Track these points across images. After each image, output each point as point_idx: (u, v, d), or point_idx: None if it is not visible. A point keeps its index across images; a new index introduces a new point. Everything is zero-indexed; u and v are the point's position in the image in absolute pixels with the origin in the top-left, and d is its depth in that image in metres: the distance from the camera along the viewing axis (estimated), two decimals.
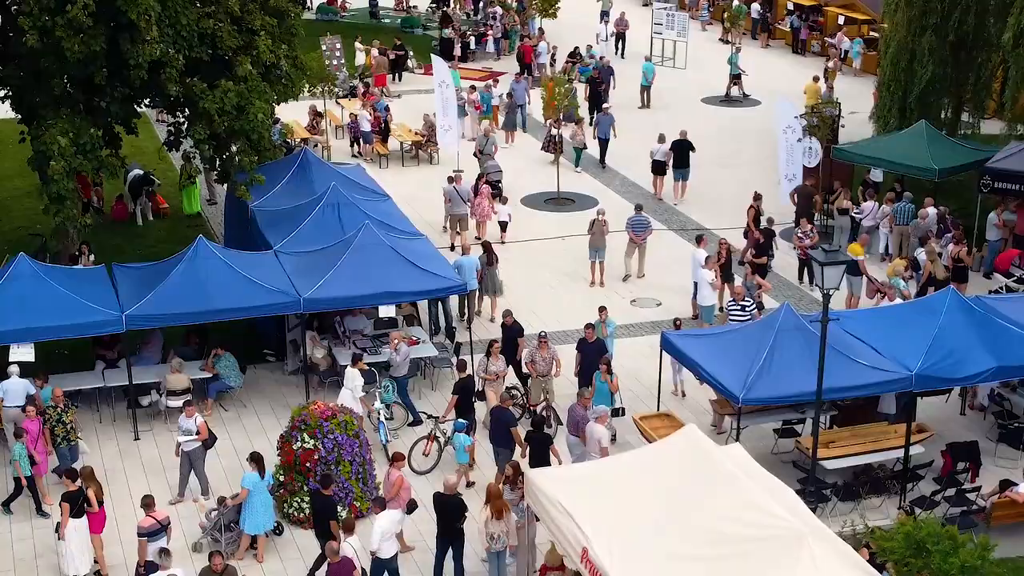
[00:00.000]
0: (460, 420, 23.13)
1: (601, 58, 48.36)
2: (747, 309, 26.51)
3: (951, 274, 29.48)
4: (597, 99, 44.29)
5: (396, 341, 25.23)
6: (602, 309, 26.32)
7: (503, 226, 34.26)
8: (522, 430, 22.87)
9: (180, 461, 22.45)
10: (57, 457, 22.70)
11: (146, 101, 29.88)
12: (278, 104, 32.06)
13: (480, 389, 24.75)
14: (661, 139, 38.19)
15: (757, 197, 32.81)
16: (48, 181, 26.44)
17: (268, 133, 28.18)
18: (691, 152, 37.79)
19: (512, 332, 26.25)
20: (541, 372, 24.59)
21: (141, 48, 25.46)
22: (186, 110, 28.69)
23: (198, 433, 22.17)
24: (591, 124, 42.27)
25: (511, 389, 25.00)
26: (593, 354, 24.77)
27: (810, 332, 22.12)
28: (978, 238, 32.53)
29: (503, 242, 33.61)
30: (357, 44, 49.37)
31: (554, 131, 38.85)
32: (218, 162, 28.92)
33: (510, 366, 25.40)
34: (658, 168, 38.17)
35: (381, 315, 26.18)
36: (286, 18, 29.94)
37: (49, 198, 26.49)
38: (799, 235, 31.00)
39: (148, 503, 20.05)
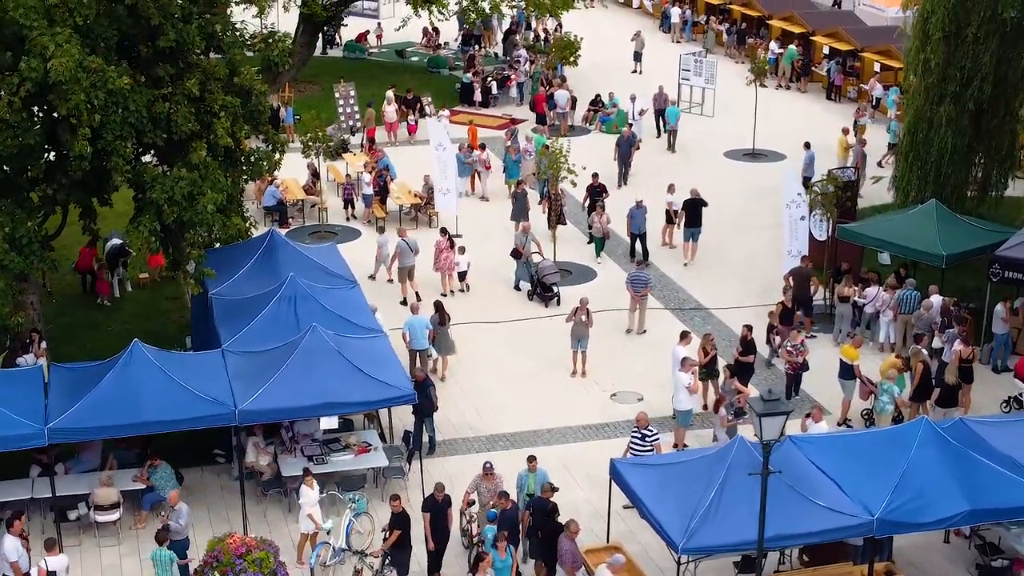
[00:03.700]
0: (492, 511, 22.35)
1: (629, 125, 45.80)
2: (648, 439, 24.36)
3: (959, 376, 27.62)
4: (623, 160, 42.58)
5: None
6: (531, 459, 23.89)
7: (462, 276, 34.43)
8: None
9: None
10: None
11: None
12: (248, 181, 31.07)
13: None
14: (671, 189, 37.51)
15: (787, 288, 31.18)
16: None
17: (220, 223, 26.85)
18: (703, 208, 36.68)
19: (423, 386, 25.84)
20: (483, 503, 22.93)
21: (74, 141, 24.30)
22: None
23: None
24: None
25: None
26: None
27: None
28: (987, 330, 30.55)
29: (464, 290, 34.50)
30: (389, 93, 47.80)
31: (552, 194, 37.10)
32: (171, 251, 27.69)
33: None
34: (668, 217, 37.68)
35: (323, 427, 24.80)
36: (252, 97, 28.64)
37: None
38: (789, 348, 28.61)
39: None
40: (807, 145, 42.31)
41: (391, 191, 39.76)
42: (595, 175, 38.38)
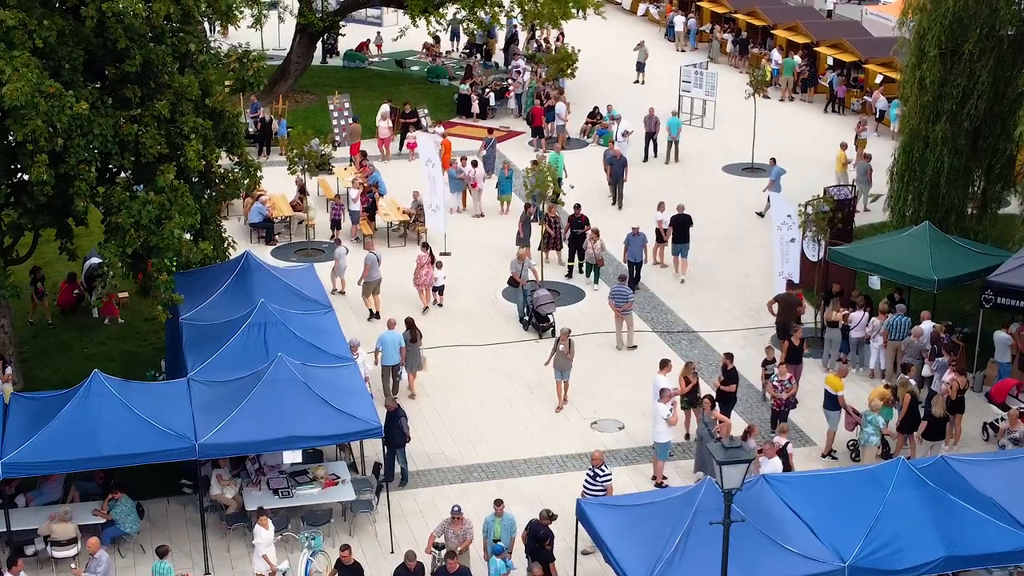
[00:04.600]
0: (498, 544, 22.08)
1: (612, 142, 44.36)
2: (599, 479, 23.57)
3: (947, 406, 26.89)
4: (616, 180, 41.65)
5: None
6: (498, 503, 23.09)
7: (440, 290, 34.10)
8: None
9: None
10: None
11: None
12: (223, 201, 30.58)
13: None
14: (660, 207, 36.81)
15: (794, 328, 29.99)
16: None
17: (187, 247, 26.22)
18: (690, 227, 36.19)
19: (395, 416, 25.62)
20: (451, 548, 22.24)
21: (32, 167, 23.75)
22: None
23: None
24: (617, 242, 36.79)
25: None
26: None
27: (733, 512, 19.66)
28: (980, 356, 29.77)
29: (439, 304, 34.14)
30: (384, 108, 47.01)
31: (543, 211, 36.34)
32: (140, 275, 27.12)
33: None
34: (659, 236, 37.00)
35: (286, 461, 24.16)
36: (224, 119, 28.06)
37: None
38: (775, 384, 27.60)
39: None
40: (773, 161, 41.68)
41: (380, 208, 39.09)
42: (577, 206, 36.87)
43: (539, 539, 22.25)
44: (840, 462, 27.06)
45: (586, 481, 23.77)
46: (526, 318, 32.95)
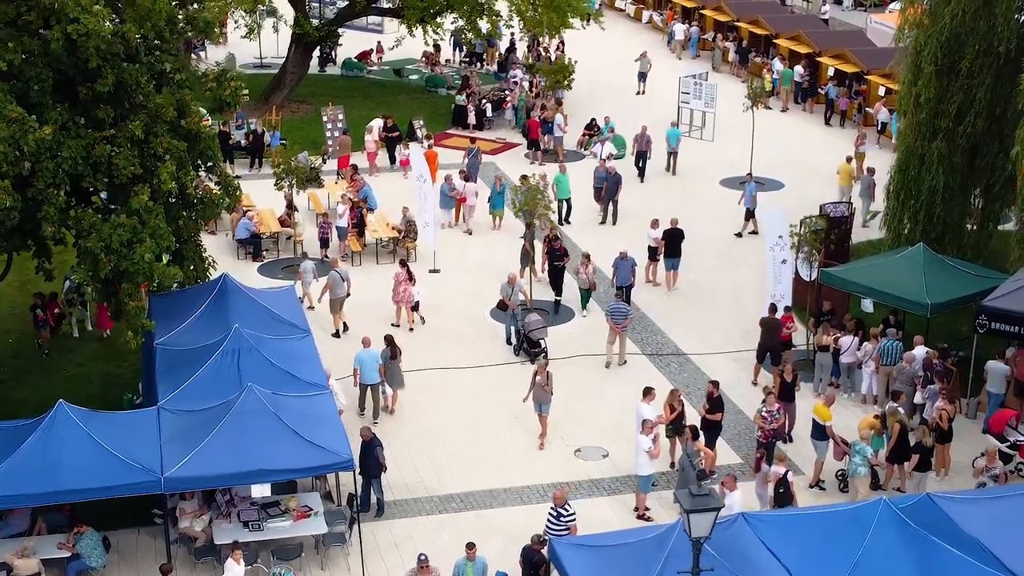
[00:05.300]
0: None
1: (603, 160, 43.16)
2: (563, 519, 22.79)
3: (935, 436, 26.25)
4: (610, 197, 40.82)
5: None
6: (470, 547, 22.27)
7: (416, 306, 33.43)
8: None
9: None
10: None
11: None
12: (206, 221, 30.09)
13: None
14: (654, 224, 36.29)
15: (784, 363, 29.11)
16: None
17: (159, 272, 25.65)
18: (683, 241, 35.83)
19: (370, 446, 25.11)
20: None
21: None
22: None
23: None
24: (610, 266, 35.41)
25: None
26: None
27: (707, 554, 19.06)
28: (974, 381, 29.10)
29: (422, 321, 33.73)
30: (374, 123, 46.43)
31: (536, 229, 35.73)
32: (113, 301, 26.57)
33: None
34: (651, 253, 36.37)
35: (254, 495, 23.56)
36: (200, 140, 27.52)
37: None
38: (763, 414, 26.75)
39: None
40: (749, 176, 41.18)
41: (368, 224, 38.50)
42: (556, 238, 35.32)
43: (534, 565, 21.75)
44: (828, 492, 26.44)
45: (549, 521, 23.02)
46: (516, 343, 32.18)
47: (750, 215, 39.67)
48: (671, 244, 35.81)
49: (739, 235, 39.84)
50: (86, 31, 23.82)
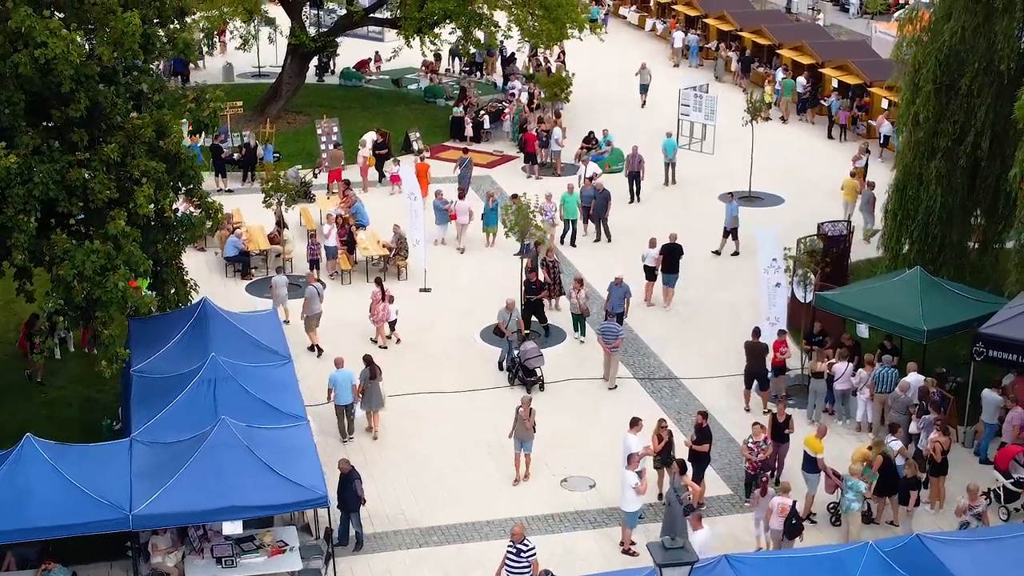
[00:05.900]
0: None
1: (589, 180, 42.02)
2: (523, 555, 21.96)
3: (928, 468, 25.61)
4: (600, 215, 40.08)
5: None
6: None
7: (392, 325, 33.03)
8: None
9: None
10: None
11: None
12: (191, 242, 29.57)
13: None
14: (652, 243, 35.59)
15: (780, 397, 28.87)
16: None
17: (133, 300, 25.08)
18: (681, 257, 35.28)
19: (348, 479, 24.57)
20: None
21: None
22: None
23: None
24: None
25: None
26: None
27: None
28: (971, 409, 28.42)
29: (398, 341, 33.18)
30: (366, 137, 45.81)
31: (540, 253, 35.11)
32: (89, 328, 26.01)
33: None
34: (649, 273, 35.67)
35: (226, 532, 22.95)
36: (180, 161, 26.95)
37: None
38: (750, 445, 26.13)
39: None
40: (731, 195, 40.50)
41: (359, 241, 37.88)
42: (532, 271, 34.09)
43: None
44: (820, 525, 25.80)
45: (508, 557, 22.22)
46: (512, 372, 31.39)
47: (728, 234, 38.89)
48: (669, 259, 35.17)
49: (717, 252, 39.10)
50: (54, 55, 23.23)
